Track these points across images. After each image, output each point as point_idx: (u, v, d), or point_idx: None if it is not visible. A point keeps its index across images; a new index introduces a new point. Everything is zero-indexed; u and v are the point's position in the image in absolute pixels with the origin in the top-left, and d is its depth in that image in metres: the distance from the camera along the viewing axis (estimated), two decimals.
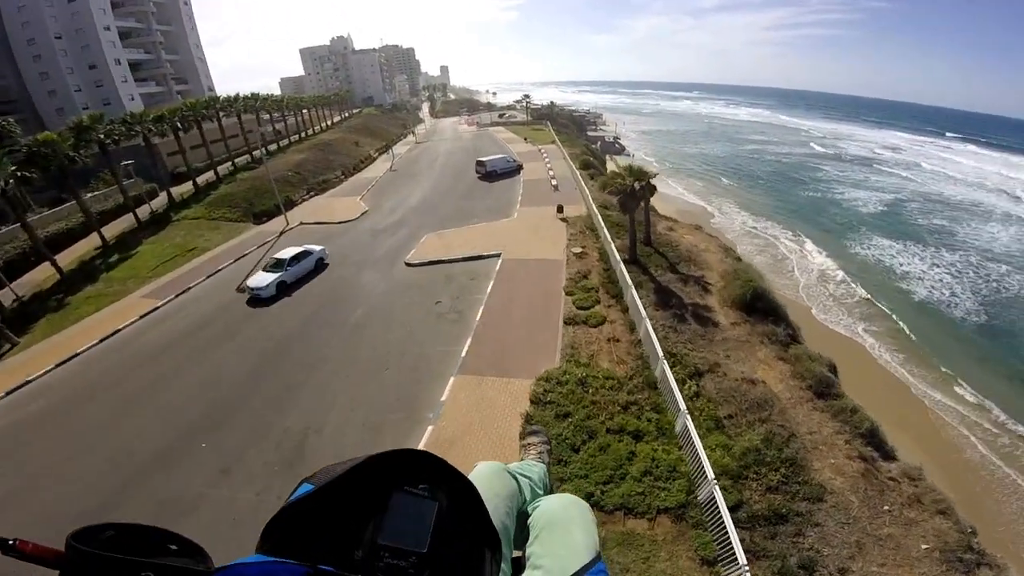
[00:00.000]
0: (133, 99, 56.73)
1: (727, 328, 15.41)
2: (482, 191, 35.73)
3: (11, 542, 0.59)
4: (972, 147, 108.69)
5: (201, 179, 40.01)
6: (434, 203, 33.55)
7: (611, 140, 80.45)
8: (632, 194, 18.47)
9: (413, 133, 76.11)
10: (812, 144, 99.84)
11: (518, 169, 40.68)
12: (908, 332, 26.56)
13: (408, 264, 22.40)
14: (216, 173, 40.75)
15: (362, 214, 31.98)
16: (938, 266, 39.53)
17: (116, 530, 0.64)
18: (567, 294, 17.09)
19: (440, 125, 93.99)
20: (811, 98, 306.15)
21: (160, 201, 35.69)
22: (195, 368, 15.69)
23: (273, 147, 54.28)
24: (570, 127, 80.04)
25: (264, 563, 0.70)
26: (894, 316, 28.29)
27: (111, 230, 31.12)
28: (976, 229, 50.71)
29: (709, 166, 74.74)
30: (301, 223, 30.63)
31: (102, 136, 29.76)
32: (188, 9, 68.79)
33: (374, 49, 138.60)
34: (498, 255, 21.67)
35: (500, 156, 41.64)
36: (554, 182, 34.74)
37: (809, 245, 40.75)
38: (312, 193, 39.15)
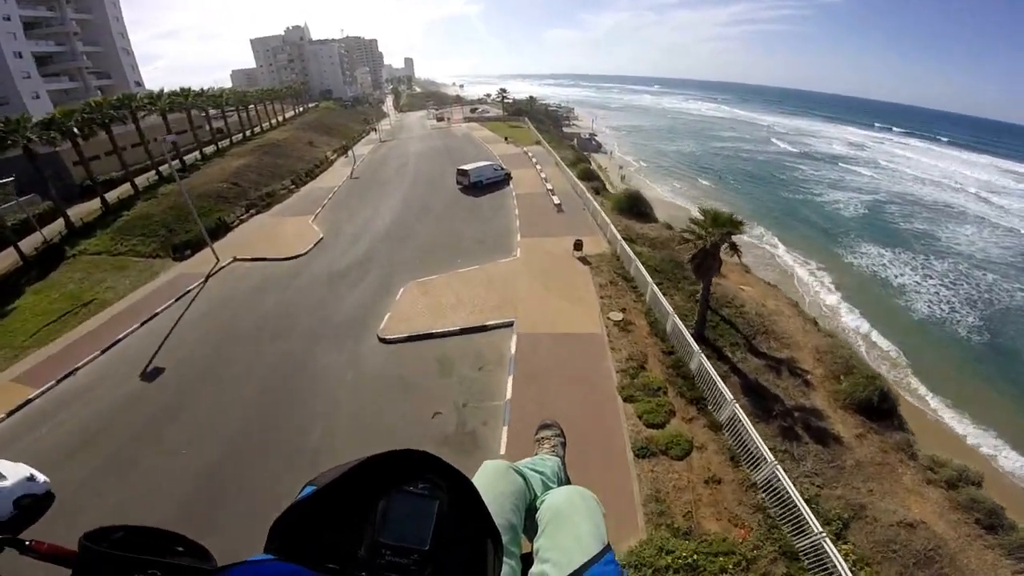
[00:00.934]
0: (38, 97, 48.38)
1: (853, 444, 11.52)
2: (467, 209, 30.08)
3: (27, 543, 0.62)
4: (924, 143, 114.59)
5: (114, 194, 32.55)
6: (409, 227, 27.52)
7: (587, 137, 77.27)
8: (713, 253, 13.78)
9: (376, 130, 68.93)
10: (777, 141, 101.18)
11: (507, 178, 35.45)
12: (907, 358, 25.88)
13: (383, 340, 15.85)
14: (134, 186, 33.22)
15: (315, 244, 25.45)
16: (931, 277, 40.11)
17: (126, 531, 0.66)
18: (625, 399, 11.77)
19: (407, 120, 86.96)
20: (766, 93, 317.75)
21: (56, 227, 28.07)
22: (97, 512, 10.22)
23: (210, 149, 46.46)
24: (547, 123, 75.44)
25: (266, 562, 0.72)
26: (898, 347, 27.21)
27: None
28: (955, 233, 52.61)
29: (684, 165, 74.14)
30: (235, 259, 23.90)
31: None
32: None
33: (333, 40, 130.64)
34: (510, 324, 15.83)
35: (485, 163, 35.85)
36: (555, 199, 29.29)
37: (803, 256, 40.40)
38: (253, 211, 32.30)
